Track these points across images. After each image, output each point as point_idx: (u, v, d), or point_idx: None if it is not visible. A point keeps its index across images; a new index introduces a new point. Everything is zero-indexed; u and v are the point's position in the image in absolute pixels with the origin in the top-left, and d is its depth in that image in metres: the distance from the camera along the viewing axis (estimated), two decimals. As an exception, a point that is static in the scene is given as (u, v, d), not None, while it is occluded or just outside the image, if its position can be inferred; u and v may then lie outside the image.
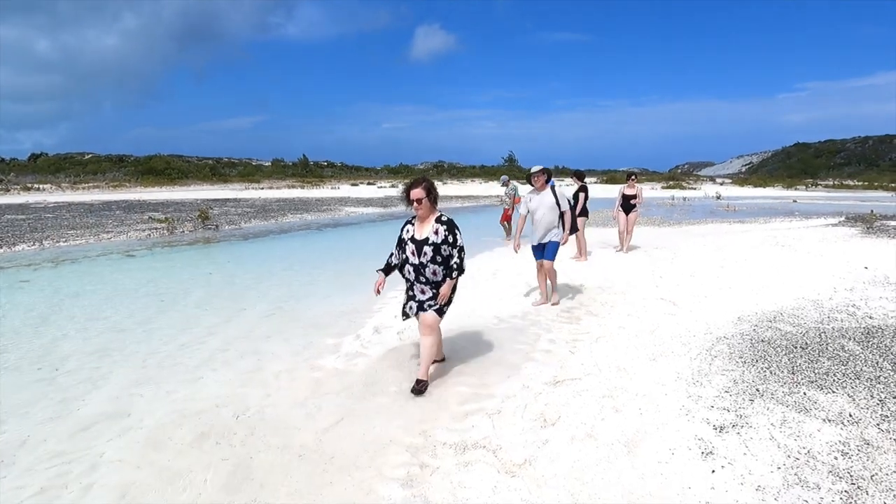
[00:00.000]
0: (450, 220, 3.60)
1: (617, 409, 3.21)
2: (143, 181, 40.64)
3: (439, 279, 3.60)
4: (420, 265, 3.55)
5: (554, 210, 5.51)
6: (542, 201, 5.50)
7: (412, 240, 3.59)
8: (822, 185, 52.21)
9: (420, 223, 3.63)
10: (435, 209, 3.67)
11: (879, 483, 2.36)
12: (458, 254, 3.58)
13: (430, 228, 3.56)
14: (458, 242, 3.58)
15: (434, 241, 3.52)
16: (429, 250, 3.50)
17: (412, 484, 2.56)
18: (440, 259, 3.55)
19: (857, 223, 13.26)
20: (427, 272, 3.56)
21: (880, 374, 3.53)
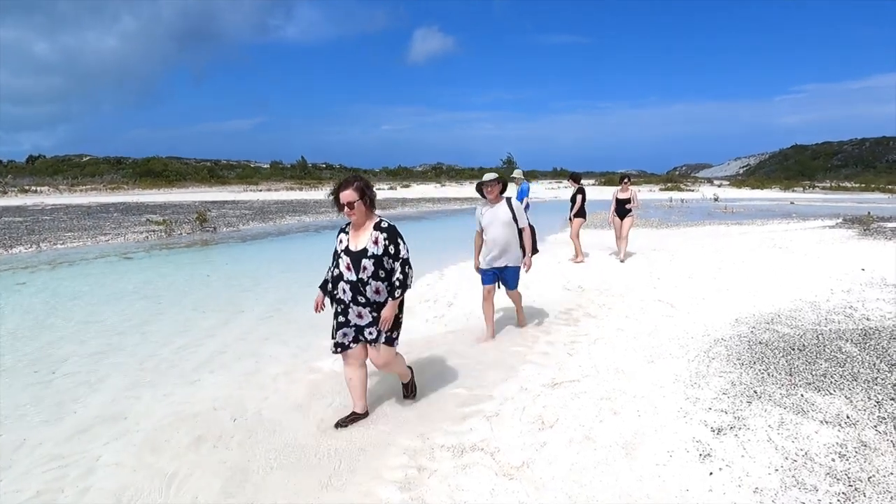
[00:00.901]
0: (391, 226, 3.06)
1: (615, 411, 3.21)
2: (141, 183, 40.58)
3: (381, 299, 3.03)
4: (359, 282, 2.96)
5: (510, 227, 4.52)
6: (497, 216, 4.51)
7: (347, 252, 3.02)
8: (820, 186, 52.37)
9: (355, 231, 3.07)
10: (373, 214, 3.10)
11: (877, 485, 2.37)
12: (402, 268, 3.01)
13: (368, 237, 3.01)
14: (402, 254, 3.01)
15: (374, 251, 2.97)
16: (369, 264, 2.95)
17: (410, 487, 2.55)
18: (384, 274, 3.00)
19: (854, 225, 13.31)
20: (368, 291, 2.98)
21: (877, 375, 3.54)
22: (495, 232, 4.49)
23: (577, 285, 6.90)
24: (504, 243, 4.51)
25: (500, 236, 4.49)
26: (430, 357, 4.30)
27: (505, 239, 4.50)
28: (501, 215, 4.51)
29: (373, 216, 3.09)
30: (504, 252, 4.53)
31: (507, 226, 4.50)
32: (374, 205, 3.11)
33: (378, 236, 3.00)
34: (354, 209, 2.98)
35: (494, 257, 4.55)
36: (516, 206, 4.55)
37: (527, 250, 4.63)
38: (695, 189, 44.00)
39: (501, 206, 4.57)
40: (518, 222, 4.56)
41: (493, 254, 4.55)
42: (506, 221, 4.51)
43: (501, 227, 4.48)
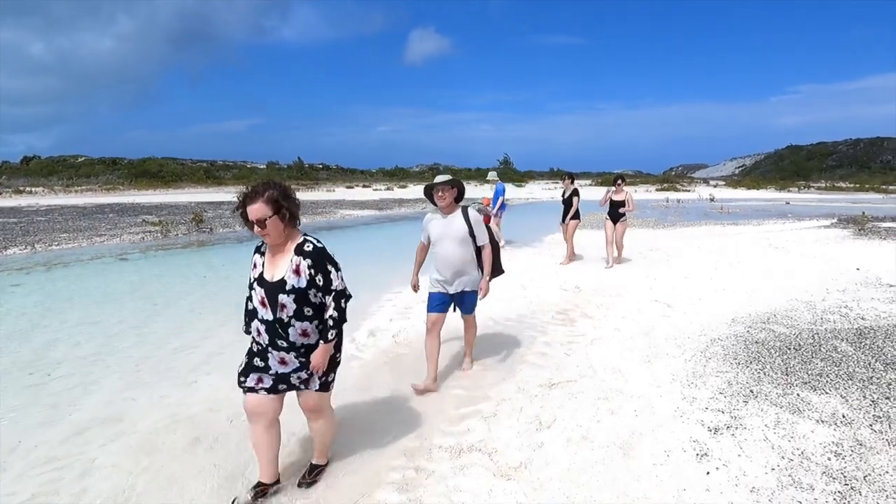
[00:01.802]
0: (317, 248, 2.33)
1: (612, 411, 3.21)
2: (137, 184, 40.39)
3: (311, 342, 2.37)
4: (276, 323, 2.28)
5: (466, 244, 3.58)
6: (449, 229, 3.58)
7: (260, 282, 2.33)
8: (815, 187, 52.64)
9: (273, 255, 2.35)
10: (295, 232, 2.37)
11: (872, 483, 2.38)
12: (336, 302, 2.32)
13: (287, 264, 2.29)
14: (334, 284, 2.32)
15: (294, 283, 2.26)
16: (288, 301, 2.26)
17: (408, 488, 2.55)
18: (311, 311, 2.32)
19: (849, 225, 13.38)
20: (291, 333, 2.30)
21: (873, 374, 3.55)
22: (446, 250, 3.57)
23: (574, 286, 6.91)
24: (458, 265, 3.58)
25: (453, 256, 3.56)
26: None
27: (459, 259, 3.57)
28: (455, 229, 3.56)
29: (295, 235, 2.36)
30: (458, 275, 3.62)
31: (461, 243, 3.56)
32: (297, 219, 2.36)
33: (300, 263, 2.27)
34: (267, 228, 2.24)
35: (445, 281, 3.64)
36: (475, 219, 3.60)
37: (485, 271, 3.66)
38: (691, 189, 44.15)
39: (456, 217, 3.59)
40: (476, 239, 3.61)
41: (444, 276, 3.63)
42: (460, 237, 3.55)
43: (454, 244, 3.55)
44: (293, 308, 2.28)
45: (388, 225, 16.60)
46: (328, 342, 2.35)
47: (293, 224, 2.35)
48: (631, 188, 9.42)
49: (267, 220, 2.24)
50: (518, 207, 25.06)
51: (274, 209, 2.24)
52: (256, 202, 2.23)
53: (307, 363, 2.37)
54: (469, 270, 3.66)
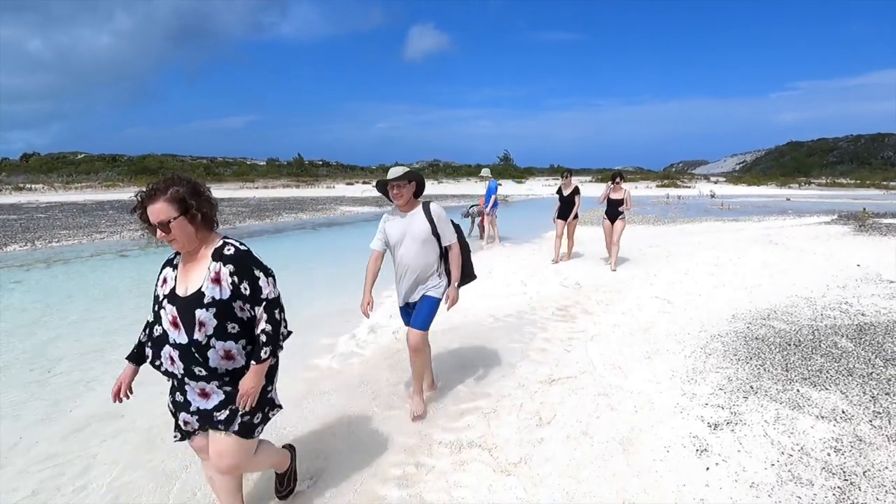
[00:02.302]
0: (240, 252, 1.93)
1: (612, 407, 3.22)
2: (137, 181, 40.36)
3: (238, 365, 1.94)
4: (192, 346, 1.86)
5: (429, 245, 3.11)
6: (409, 229, 3.10)
7: (171, 297, 1.91)
8: (815, 183, 52.58)
9: (185, 266, 1.96)
10: (212, 234, 1.98)
11: (872, 479, 2.38)
12: (269, 314, 1.94)
13: (204, 273, 1.89)
14: (265, 292, 1.93)
15: (214, 295, 1.86)
16: (206, 316, 1.85)
17: (408, 484, 2.55)
18: (236, 328, 1.92)
19: (850, 221, 13.37)
20: (212, 357, 1.88)
21: (872, 370, 3.56)
22: (407, 252, 3.10)
23: (574, 282, 6.90)
24: (420, 268, 3.10)
25: (414, 259, 3.09)
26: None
27: (422, 263, 3.10)
28: (416, 229, 3.08)
29: (212, 239, 1.96)
30: (421, 281, 3.15)
31: (424, 245, 3.08)
32: (213, 220, 1.97)
33: (220, 270, 1.87)
34: (172, 233, 1.85)
35: (407, 290, 3.17)
36: (438, 216, 3.12)
37: (453, 277, 3.16)
38: (691, 186, 44.10)
39: (416, 215, 3.11)
40: (442, 238, 3.13)
41: (406, 284, 3.16)
42: (422, 238, 3.07)
43: (415, 245, 3.07)
44: (213, 325, 1.85)
45: (388, 221, 16.60)
46: (261, 362, 1.92)
47: (208, 226, 1.96)
48: (631, 185, 9.31)
49: (171, 223, 1.84)
50: (518, 204, 25.04)
51: (180, 209, 1.85)
52: (157, 201, 1.84)
53: (231, 395, 1.95)
54: (432, 276, 3.16)
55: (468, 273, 3.35)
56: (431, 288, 3.16)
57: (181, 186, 1.89)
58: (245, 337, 1.96)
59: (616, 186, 7.85)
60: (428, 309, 3.14)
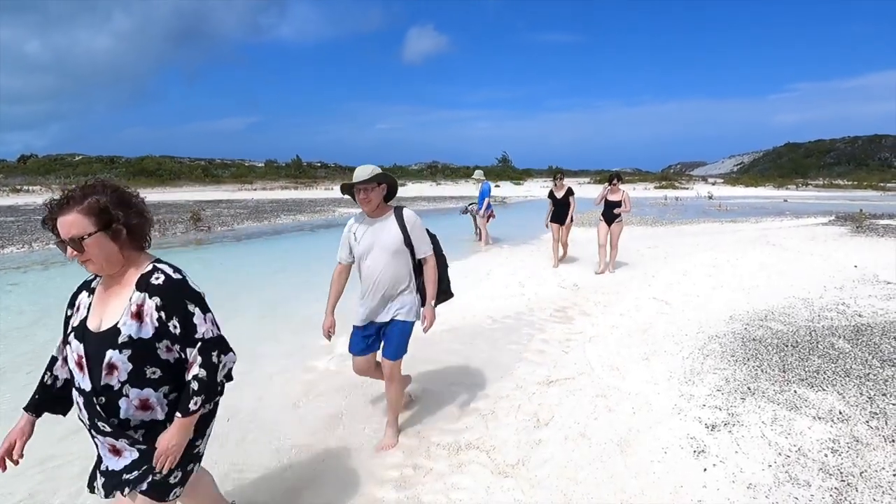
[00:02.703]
0: (171, 281, 1.58)
1: (610, 408, 3.22)
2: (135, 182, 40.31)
3: (157, 417, 1.58)
4: (97, 394, 1.52)
5: (401, 256, 2.76)
6: (378, 238, 2.74)
7: (81, 331, 1.58)
8: (813, 184, 52.73)
9: (105, 293, 1.60)
10: (139, 256, 1.63)
11: (868, 480, 2.39)
12: (204, 357, 1.57)
13: (125, 303, 1.54)
14: (200, 331, 1.57)
15: (132, 333, 1.51)
16: (120, 359, 1.50)
17: (406, 486, 2.55)
18: (156, 374, 1.56)
19: (847, 222, 13.40)
20: (123, 407, 1.53)
21: (869, 371, 3.57)
22: (375, 265, 2.73)
23: (573, 283, 6.91)
24: (389, 283, 2.74)
25: (383, 272, 2.72)
26: (425, 356, 4.30)
27: (391, 277, 2.73)
28: (386, 237, 2.72)
29: (139, 261, 1.61)
30: (390, 298, 2.77)
31: (394, 256, 2.72)
32: (144, 236, 1.62)
33: (145, 303, 1.52)
34: (87, 251, 1.50)
35: (373, 308, 2.79)
36: (412, 223, 2.77)
37: (428, 294, 2.83)
38: (689, 187, 44.15)
39: (387, 222, 2.75)
40: (416, 249, 2.79)
41: (371, 302, 2.77)
42: (392, 248, 2.72)
43: (385, 256, 2.71)
44: (128, 370, 1.50)
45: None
46: (189, 414, 1.52)
47: (136, 245, 1.59)
48: (629, 186, 9.21)
49: (86, 239, 1.47)
50: (516, 205, 25.07)
51: (99, 223, 1.49)
52: (70, 212, 1.48)
53: (147, 454, 1.54)
54: (403, 292, 2.79)
55: (445, 289, 2.99)
56: (403, 310, 2.79)
57: (103, 195, 1.52)
58: (169, 383, 1.59)
59: (614, 188, 7.60)
60: (400, 336, 2.79)
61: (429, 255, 2.84)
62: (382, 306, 2.80)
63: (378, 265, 2.73)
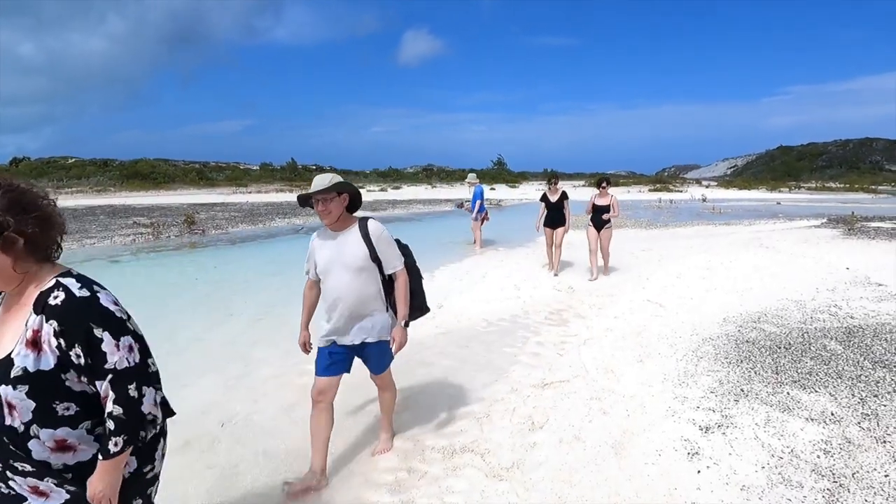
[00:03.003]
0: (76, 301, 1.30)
1: (604, 410, 3.23)
2: (129, 185, 40.07)
3: (84, 458, 1.33)
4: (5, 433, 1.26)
5: (366, 273, 2.50)
6: (341, 253, 2.50)
7: None
8: (805, 187, 53.14)
9: (5, 313, 1.36)
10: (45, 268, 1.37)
11: (860, 481, 2.40)
12: (119, 391, 1.29)
13: (19, 328, 1.29)
14: (111, 361, 1.29)
15: (28, 365, 1.24)
16: (17, 396, 1.23)
17: (400, 489, 2.55)
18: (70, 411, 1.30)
19: (839, 225, 13.52)
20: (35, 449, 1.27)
21: (861, 373, 3.59)
22: (338, 284, 2.48)
23: (568, 286, 6.93)
24: (355, 304, 2.49)
25: (347, 291, 2.47)
26: (420, 359, 4.30)
27: (356, 296, 2.48)
28: (349, 253, 2.47)
29: (43, 274, 1.35)
30: (356, 319, 2.53)
31: (359, 273, 2.47)
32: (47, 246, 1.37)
33: (42, 328, 1.26)
34: None
35: (338, 328, 2.54)
36: (378, 236, 2.51)
37: (399, 313, 2.59)
38: (683, 190, 44.40)
39: (350, 236, 2.51)
40: (384, 264, 2.54)
41: (336, 322, 2.52)
42: (357, 265, 2.47)
43: (348, 274, 2.46)
44: (30, 408, 1.24)
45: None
46: (109, 457, 1.28)
47: (38, 257, 1.33)
48: (624, 189, 9.12)
49: None
50: (512, 209, 25.12)
51: None
52: None
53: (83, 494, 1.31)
54: (373, 311, 2.55)
55: (420, 305, 2.76)
56: (374, 331, 2.57)
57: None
58: (92, 418, 1.33)
59: (602, 192, 7.35)
60: (380, 356, 2.67)
61: (399, 269, 2.58)
62: (349, 327, 2.53)
63: (341, 284, 2.48)
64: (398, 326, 2.59)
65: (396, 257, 2.59)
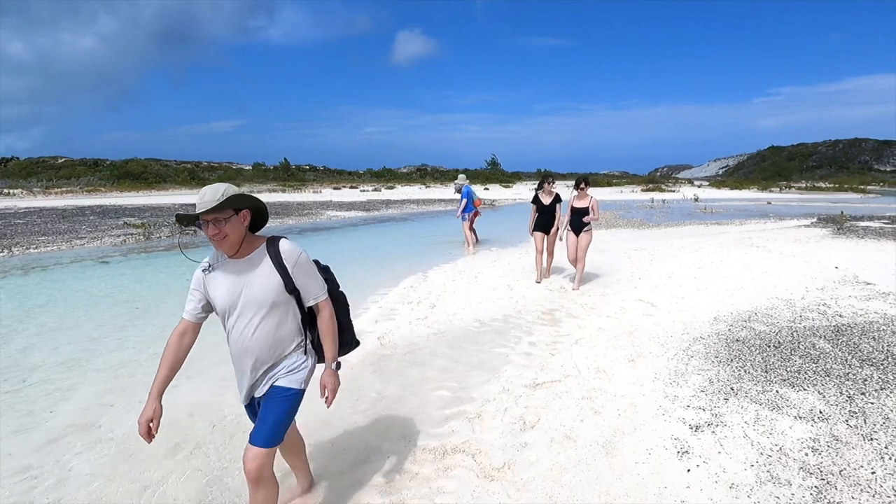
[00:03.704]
0: None
1: (596, 410, 3.23)
2: (120, 185, 39.69)
3: None
4: None
5: (282, 310, 2.00)
6: (248, 287, 1.95)
7: None
8: (795, 187, 53.64)
9: None
10: None
11: (848, 478, 2.42)
12: None
13: None
14: None
15: None
16: None
17: (391, 490, 2.54)
18: None
19: (829, 224, 13.66)
20: None
21: (849, 371, 3.63)
22: (246, 327, 1.97)
23: (559, 286, 6.94)
24: (269, 349, 1.99)
25: (258, 335, 1.97)
26: (412, 358, 4.29)
27: (270, 340, 1.99)
28: (257, 286, 1.94)
29: None
30: (269, 366, 2.02)
31: (272, 309, 1.96)
32: None
33: None
34: None
35: (252, 381, 2.03)
36: (294, 260, 2.00)
37: (327, 353, 2.09)
38: (675, 190, 44.66)
39: (257, 262, 1.98)
40: (303, 293, 2.03)
41: (248, 373, 2.02)
42: (269, 299, 1.95)
43: (258, 312, 1.95)
44: None
45: (375, 226, 16.53)
46: None
47: None
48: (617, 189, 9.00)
49: None
50: (505, 209, 25.14)
51: None
52: None
53: None
54: (293, 353, 2.04)
55: (349, 340, 2.25)
56: (287, 374, 2.00)
57: None
58: None
59: (581, 193, 6.74)
60: (277, 411, 1.97)
61: (322, 299, 2.04)
62: (262, 379, 2.01)
63: (249, 328, 1.92)
64: (328, 370, 2.04)
65: (318, 286, 2.05)
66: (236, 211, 1.90)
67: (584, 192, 6.77)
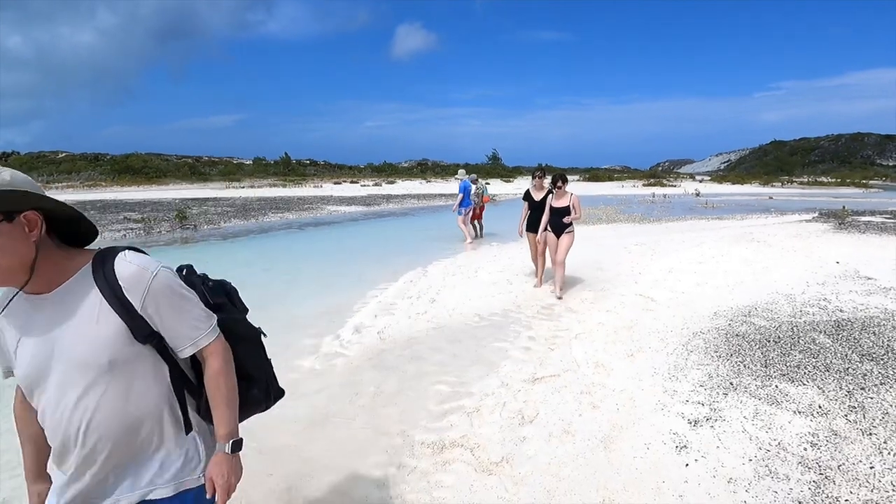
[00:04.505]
0: None
1: (594, 405, 3.23)
2: (120, 180, 39.71)
3: None
4: None
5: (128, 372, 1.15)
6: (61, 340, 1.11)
7: None
8: (797, 181, 53.52)
9: None
10: None
11: (846, 473, 2.42)
12: None
13: None
14: None
15: None
16: None
17: (389, 485, 2.54)
18: None
19: (830, 219, 13.61)
20: None
21: (849, 366, 3.62)
22: (66, 402, 1.13)
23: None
24: (112, 435, 1.16)
25: (91, 414, 1.13)
26: (411, 353, 4.29)
27: (112, 421, 1.15)
28: (78, 336, 1.12)
29: None
30: (119, 463, 1.19)
31: (108, 375, 1.13)
32: None
33: None
34: None
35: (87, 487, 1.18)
36: (143, 285, 1.17)
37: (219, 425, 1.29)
38: (677, 184, 44.56)
39: (75, 296, 1.15)
40: (172, 339, 1.23)
41: (78, 475, 1.17)
42: (100, 359, 1.12)
43: (84, 379, 1.12)
44: None
45: (375, 221, 16.52)
46: None
47: None
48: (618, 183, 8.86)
49: None
50: (506, 203, 25.10)
51: None
52: None
53: None
54: (158, 444, 1.23)
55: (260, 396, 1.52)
56: (176, 473, 1.25)
57: None
58: None
59: (559, 192, 6.09)
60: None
61: (211, 343, 1.28)
62: (109, 480, 1.20)
63: (70, 404, 1.14)
64: (218, 454, 1.28)
65: (196, 323, 1.25)
66: (7, 215, 1.07)
67: (563, 190, 6.11)
